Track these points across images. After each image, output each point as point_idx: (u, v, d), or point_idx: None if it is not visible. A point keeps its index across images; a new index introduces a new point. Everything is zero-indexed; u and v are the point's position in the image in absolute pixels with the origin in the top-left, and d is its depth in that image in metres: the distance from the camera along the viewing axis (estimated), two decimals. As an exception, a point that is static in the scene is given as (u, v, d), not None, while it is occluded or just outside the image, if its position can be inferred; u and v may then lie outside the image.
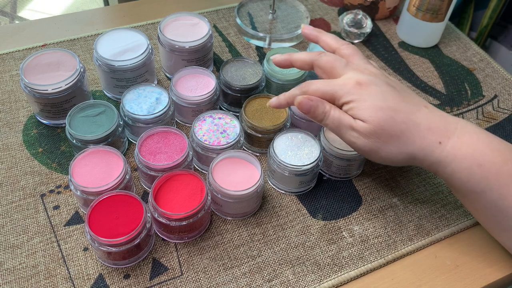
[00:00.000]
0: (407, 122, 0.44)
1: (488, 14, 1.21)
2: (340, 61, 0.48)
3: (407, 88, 0.49)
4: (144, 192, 0.56)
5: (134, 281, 0.49)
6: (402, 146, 0.44)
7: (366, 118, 0.44)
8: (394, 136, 0.44)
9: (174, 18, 0.66)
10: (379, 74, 0.47)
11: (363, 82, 0.45)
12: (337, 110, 0.46)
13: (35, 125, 0.61)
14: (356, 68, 0.47)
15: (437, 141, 0.44)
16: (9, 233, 0.51)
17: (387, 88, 0.45)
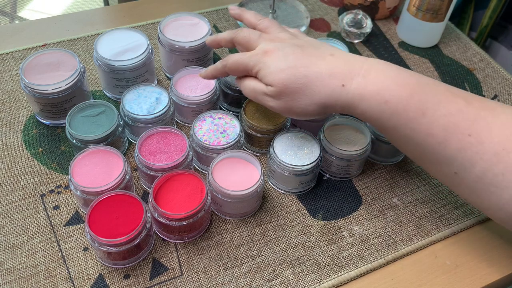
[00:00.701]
0: (308, 74, 0.45)
1: (488, 14, 1.21)
2: (254, 34, 0.50)
3: (317, 42, 0.50)
4: (144, 192, 0.56)
5: (134, 281, 0.49)
6: (310, 98, 0.46)
7: (271, 82, 0.46)
8: (300, 91, 0.46)
9: (174, 18, 0.66)
10: (288, 38, 0.49)
11: (269, 49, 0.48)
12: (252, 80, 0.50)
13: (35, 125, 0.61)
14: (267, 39, 0.50)
15: (340, 85, 0.44)
16: (9, 233, 0.51)
17: (291, 49, 0.47)
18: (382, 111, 0.43)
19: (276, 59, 0.47)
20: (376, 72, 0.44)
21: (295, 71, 0.46)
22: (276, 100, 0.47)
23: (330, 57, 0.46)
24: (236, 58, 0.50)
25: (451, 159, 0.42)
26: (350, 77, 0.44)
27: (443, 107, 0.42)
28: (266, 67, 0.47)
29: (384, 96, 0.43)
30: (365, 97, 0.44)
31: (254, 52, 0.49)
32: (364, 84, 0.44)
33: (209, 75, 0.54)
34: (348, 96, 0.44)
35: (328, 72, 0.45)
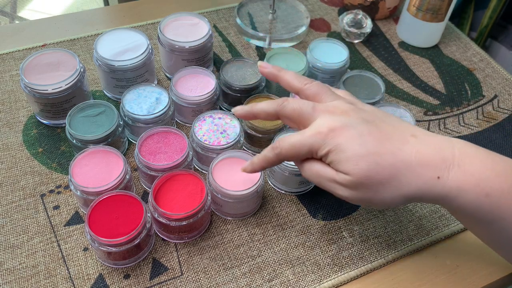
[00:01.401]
0: (395, 163, 0.39)
1: (488, 14, 1.22)
2: (306, 106, 0.42)
3: (386, 115, 0.43)
4: (144, 192, 0.56)
5: (134, 281, 0.49)
6: (396, 191, 0.39)
7: (349, 171, 0.39)
8: (384, 183, 0.39)
9: (174, 18, 0.66)
10: (351, 110, 0.42)
11: (336, 127, 0.40)
12: (315, 164, 0.42)
13: (35, 125, 0.61)
14: (325, 110, 0.42)
15: (435, 176, 0.39)
16: (9, 233, 0.51)
17: (364, 127, 0.40)
18: (481, 204, 0.39)
19: (350, 140, 0.39)
20: (470, 159, 0.39)
21: (379, 159, 0.38)
22: (351, 191, 0.40)
23: (414, 140, 0.40)
24: (293, 141, 0.41)
25: None
26: (445, 167, 0.39)
27: None
28: (339, 151, 0.39)
29: (485, 189, 0.38)
30: (462, 191, 0.38)
31: (314, 130, 0.41)
32: (462, 176, 0.38)
33: (256, 168, 0.45)
34: (444, 189, 0.39)
35: (419, 161, 0.39)
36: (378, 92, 0.63)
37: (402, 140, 0.40)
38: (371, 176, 0.39)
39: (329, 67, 0.65)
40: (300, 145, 0.41)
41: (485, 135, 0.66)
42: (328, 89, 0.45)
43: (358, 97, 0.61)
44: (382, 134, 0.40)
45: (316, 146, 0.40)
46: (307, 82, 0.45)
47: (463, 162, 0.39)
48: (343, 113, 0.41)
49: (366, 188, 0.39)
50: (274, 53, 0.66)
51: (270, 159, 0.43)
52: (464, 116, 0.68)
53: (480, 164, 0.39)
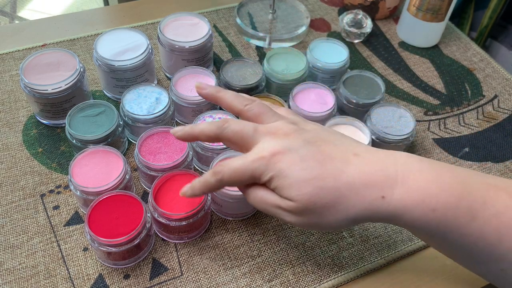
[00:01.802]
0: (338, 186, 0.38)
1: (488, 14, 1.22)
2: (248, 128, 0.41)
3: (328, 133, 0.42)
4: (144, 192, 0.56)
5: (134, 281, 0.48)
6: (341, 213, 0.38)
7: (293, 197, 0.38)
8: (329, 207, 0.38)
9: (174, 18, 0.66)
10: (293, 131, 0.40)
11: (278, 151, 0.39)
12: (260, 190, 0.40)
13: (35, 125, 0.61)
14: (267, 132, 0.40)
15: (380, 196, 0.38)
16: (9, 233, 0.51)
17: (306, 149, 0.39)
18: (428, 220, 0.38)
19: (292, 165, 0.38)
20: (414, 175, 0.38)
21: (321, 183, 0.38)
22: (297, 217, 0.39)
23: (356, 160, 0.39)
24: (235, 167, 0.40)
25: (501, 258, 0.38)
26: (388, 186, 0.38)
27: (491, 206, 0.38)
28: (282, 177, 0.38)
29: (430, 205, 0.38)
30: (409, 208, 0.38)
31: (256, 155, 0.39)
32: (406, 193, 0.38)
33: (197, 193, 0.43)
34: (390, 208, 0.38)
35: (362, 183, 0.38)
36: (378, 92, 0.63)
37: (344, 160, 0.39)
38: (315, 201, 0.38)
39: (329, 67, 0.65)
40: (243, 171, 0.39)
41: (485, 135, 0.66)
42: (269, 109, 0.43)
43: (358, 97, 0.61)
44: (324, 156, 0.39)
45: (258, 171, 0.39)
46: (247, 103, 0.43)
47: (407, 178, 0.38)
48: (285, 135, 0.40)
49: (311, 213, 0.39)
50: (274, 53, 0.66)
51: (211, 185, 0.41)
52: (464, 116, 0.68)
53: (424, 180, 0.38)
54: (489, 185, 0.39)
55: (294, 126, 0.41)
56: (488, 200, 0.38)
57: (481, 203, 0.38)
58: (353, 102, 0.62)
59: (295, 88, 0.61)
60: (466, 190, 0.38)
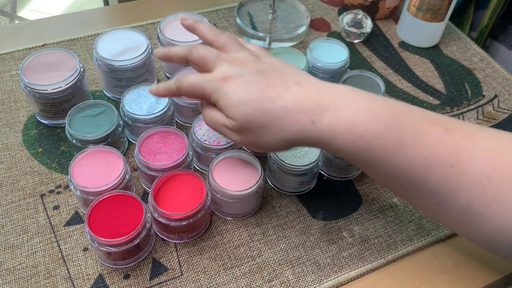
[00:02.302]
0: (273, 109, 0.41)
1: (488, 14, 1.22)
2: (211, 53, 0.45)
3: (283, 65, 0.45)
4: (144, 192, 0.56)
5: (134, 281, 0.48)
6: (275, 135, 0.42)
7: (233, 116, 0.42)
8: (265, 127, 0.42)
9: (174, 18, 0.66)
10: (250, 61, 0.44)
11: (229, 75, 0.43)
12: (212, 110, 0.45)
13: (35, 125, 0.61)
14: (226, 60, 0.44)
15: (310, 121, 0.40)
16: (9, 233, 0.51)
17: (254, 76, 0.42)
18: (357, 147, 0.40)
19: (237, 88, 0.42)
20: (347, 104, 0.40)
21: (259, 105, 0.41)
22: (238, 135, 0.43)
23: (297, 87, 0.42)
24: (192, 80, 0.45)
25: (434, 191, 0.39)
26: (319, 112, 0.40)
27: (422, 138, 0.39)
28: (226, 98, 0.42)
29: (358, 131, 0.39)
30: (338, 134, 0.40)
31: (211, 76, 0.44)
32: (336, 119, 0.40)
33: (160, 93, 0.49)
34: (319, 133, 0.40)
35: (296, 107, 0.41)
36: (378, 92, 0.63)
37: (285, 87, 0.42)
38: (252, 120, 0.42)
39: (329, 67, 0.65)
40: (196, 86, 0.44)
41: (485, 135, 0.66)
42: (236, 41, 0.47)
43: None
44: (268, 83, 0.42)
45: (209, 91, 0.43)
46: (217, 33, 0.47)
47: (339, 106, 0.40)
48: (241, 64, 0.44)
49: (249, 132, 0.42)
50: (274, 53, 0.66)
51: (172, 90, 0.47)
52: (464, 116, 0.68)
53: (355, 108, 0.40)
54: (426, 120, 0.40)
55: (252, 57, 0.45)
56: (421, 132, 0.39)
57: (412, 134, 0.39)
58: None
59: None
60: (399, 121, 0.39)
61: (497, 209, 0.37)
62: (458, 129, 0.40)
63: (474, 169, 0.38)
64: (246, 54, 0.45)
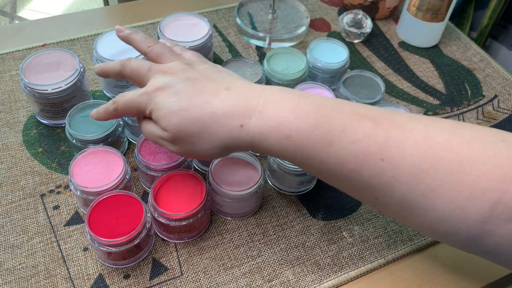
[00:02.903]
0: (201, 116, 0.41)
1: (488, 14, 1.22)
2: (143, 66, 0.45)
3: (214, 71, 0.45)
4: (144, 192, 0.56)
5: (134, 281, 0.48)
6: (208, 142, 0.42)
7: (165, 127, 0.42)
8: (196, 135, 0.41)
9: (174, 18, 0.66)
10: (181, 70, 0.44)
11: (159, 86, 0.43)
12: (148, 123, 0.44)
13: (35, 125, 0.61)
14: (158, 71, 0.44)
15: (239, 125, 0.40)
16: (9, 233, 0.51)
17: (183, 85, 0.42)
18: (285, 146, 0.40)
19: (166, 98, 0.42)
20: (273, 105, 0.40)
21: (188, 114, 0.41)
22: (173, 145, 0.43)
23: (226, 92, 0.42)
24: (126, 98, 0.44)
25: (368, 185, 0.39)
26: (247, 116, 0.40)
27: (350, 133, 0.38)
28: (158, 109, 0.42)
29: (285, 132, 0.39)
30: (265, 135, 0.40)
31: (144, 89, 0.44)
32: (262, 121, 0.40)
33: (100, 117, 0.47)
34: (248, 136, 0.41)
35: (223, 112, 0.41)
36: (378, 92, 0.63)
37: (213, 93, 0.42)
38: (183, 130, 0.41)
39: (329, 67, 0.65)
40: (131, 103, 0.44)
41: (485, 135, 0.66)
42: (169, 50, 0.47)
43: (359, 97, 0.61)
44: (196, 90, 0.42)
45: (143, 105, 0.43)
46: (151, 44, 0.47)
47: (266, 108, 0.40)
48: (172, 74, 0.43)
49: (182, 141, 0.42)
50: (274, 53, 0.66)
51: (110, 112, 0.46)
52: (464, 116, 0.68)
53: (281, 108, 0.40)
54: (355, 114, 0.39)
55: (184, 66, 0.44)
56: (349, 127, 0.39)
57: (340, 130, 0.39)
58: (353, 102, 0.61)
59: (295, 88, 0.61)
60: (326, 118, 0.39)
61: (433, 200, 0.36)
62: (388, 120, 0.39)
63: (405, 161, 0.37)
64: (178, 63, 0.45)
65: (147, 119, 0.45)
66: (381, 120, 0.39)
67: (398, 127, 0.38)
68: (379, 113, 0.40)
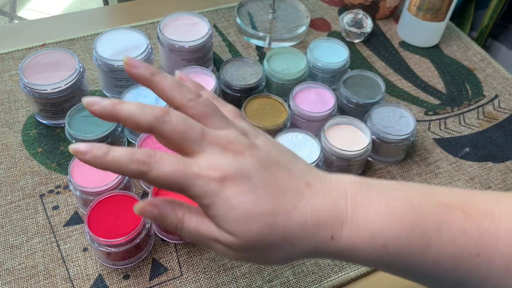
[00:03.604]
0: (289, 225, 0.33)
1: (489, 14, 1.21)
2: (194, 131, 0.33)
3: (278, 150, 0.37)
4: (144, 192, 0.56)
5: (133, 282, 0.48)
6: (288, 252, 0.34)
7: (237, 233, 0.32)
8: (276, 245, 0.34)
9: (174, 17, 0.66)
10: (246, 147, 0.34)
11: (229, 175, 0.32)
12: (193, 218, 0.34)
13: (35, 125, 0.61)
14: (216, 142, 0.33)
15: (329, 236, 0.34)
16: (8, 233, 0.51)
17: (260, 176, 0.33)
18: (379, 255, 0.35)
19: (242, 195, 0.32)
20: (363, 209, 0.35)
21: (272, 221, 0.33)
22: (236, 253, 0.34)
23: (309, 192, 0.35)
24: (169, 170, 0.31)
25: (461, 281, 0.37)
26: (338, 225, 0.34)
27: (446, 231, 0.35)
28: (226, 207, 0.32)
29: (380, 241, 0.35)
30: (357, 247, 0.35)
31: (198, 168, 0.32)
32: (355, 231, 0.34)
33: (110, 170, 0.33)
34: (337, 248, 0.35)
35: (314, 222, 0.34)
36: (378, 92, 0.63)
37: (297, 193, 0.35)
38: (261, 239, 0.33)
39: (329, 67, 0.65)
40: (178, 180, 0.32)
41: (486, 135, 0.66)
42: (217, 110, 0.36)
43: (359, 97, 0.61)
44: (278, 186, 0.34)
45: (199, 190, 0.32)
46: (191, 97, 0.35)
47: (356, 213, 0.35)
48: (236, 152, 0.34)
49: (254, 251, 0.34)
50: (274, 52, 0.66)
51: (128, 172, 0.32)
52: (465, 116, 0.68)
53: (373, 212, 0.35)
54: (443, 206, 0.37)
55: (245, 140, 0.35)
56: (443, 224, 0.36)
57: (435, 229, 0.36)
58: (353, 102, 0.61)
59: (295, 88, 0.61)
60: (419, 217, 0.36)
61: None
62: (475, 208, 0.37)
63: (500, 253, 0.36)
64: (235, 133, 0.35)
65: (190, 210, 0.34)
66: (468, 208, 0.37)
67: (486, 215, 0.37)
68: (461, 198, 0.37)
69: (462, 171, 0.61)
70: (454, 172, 0.61)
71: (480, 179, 0.60)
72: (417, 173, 0.60)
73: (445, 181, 0.60)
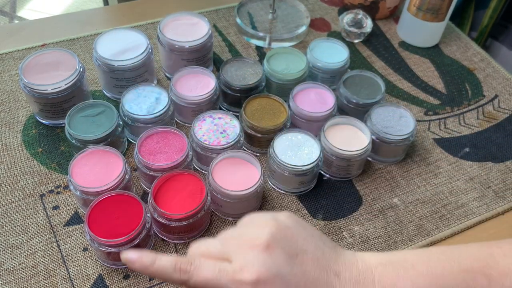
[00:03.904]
0: None
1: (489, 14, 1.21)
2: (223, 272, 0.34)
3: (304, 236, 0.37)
4: (143, 192, 0.56)
5: (133, 282, 0.48)
6: None
7: None
8: None
9: (173, 17, 0.66)
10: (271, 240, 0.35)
11: (261, 280, 0.33)
12: None
13: (35, 125, 0.61)
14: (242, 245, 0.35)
15: None
16: (8, 233, 0.51)
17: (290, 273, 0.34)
18: None
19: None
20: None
21: None
22: None
23: (339, 283, 0.36)
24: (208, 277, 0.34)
25: None
26: None
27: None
28: None
29: None
30: None
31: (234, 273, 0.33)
32: None
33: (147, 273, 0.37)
34: None
35: None
36: (378, 92, 0.63)
37: (328, 285, 0.36)
38: None
39: (329, 67, 0.65)
40: (214, 284, 0.34)
41: (486, 135, 0.66)
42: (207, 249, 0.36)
43: (359, 97, 0.61)
44: (308, 280, 0.35)
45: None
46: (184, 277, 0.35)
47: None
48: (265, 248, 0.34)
49: None
50: (274, 53, 0.66)
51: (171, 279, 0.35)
52: (464, 116, 0.68)
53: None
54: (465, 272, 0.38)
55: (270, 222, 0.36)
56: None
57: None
58: (353, 102, 0.61)
59: (295, 88, 0.61)
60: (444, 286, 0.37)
61: None
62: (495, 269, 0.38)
63: None
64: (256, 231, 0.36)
65: None
66: (490, 271, 0.38)
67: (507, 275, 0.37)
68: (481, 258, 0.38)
69: (462, 171, 0.61)
70: (454, 172, 0.61)
71: (480, 179, 0.60)
72: (417, 173, 0.60)
73: (445, 181, 0.60)
